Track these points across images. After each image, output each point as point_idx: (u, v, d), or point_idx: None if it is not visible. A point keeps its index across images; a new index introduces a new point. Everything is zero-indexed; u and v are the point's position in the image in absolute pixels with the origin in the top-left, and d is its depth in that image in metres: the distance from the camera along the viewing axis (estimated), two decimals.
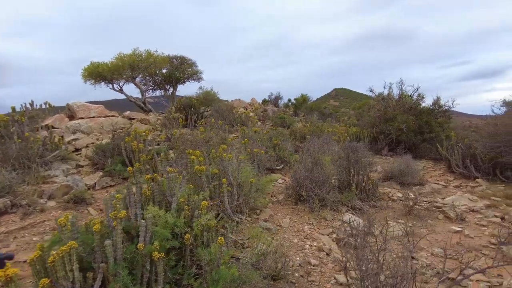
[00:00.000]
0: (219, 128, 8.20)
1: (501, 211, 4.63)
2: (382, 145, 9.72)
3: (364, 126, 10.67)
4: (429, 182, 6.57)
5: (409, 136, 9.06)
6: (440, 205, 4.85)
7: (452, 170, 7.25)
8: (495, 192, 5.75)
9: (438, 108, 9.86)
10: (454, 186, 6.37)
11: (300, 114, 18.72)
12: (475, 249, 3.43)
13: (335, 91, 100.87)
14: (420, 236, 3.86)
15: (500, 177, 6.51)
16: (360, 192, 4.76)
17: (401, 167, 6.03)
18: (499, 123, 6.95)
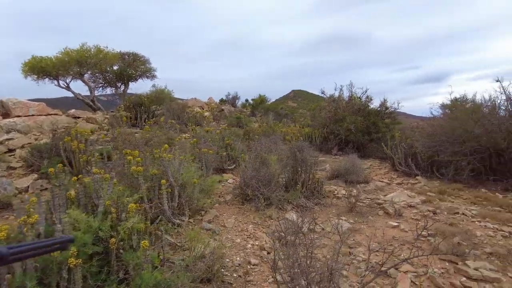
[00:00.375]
0: (169, 128, 7.97)
1: (434, 206, 4.95)
2: (332, 145, 10.04)
3: (316, 126, 10.97)
4: (374, 180, 6.87)
5: (357, 136, 9.44)
6: (382, 201, 5.08)
7: (396, 168, 7.66)
8: (431, 188, 6.15)
9: (385, 109, 10.39)
10: (397, 184, 6.72)
11: (258, 114, 18.84)
12: (408, 242, 3.62)
13: (293, 93, 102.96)
14: (361, 232, 4.00)
15: (437, 174, 6.98)
16: (305, 190, 4.85)
17: (347, 166, 6.25)
18: (435, 125, 7.47)
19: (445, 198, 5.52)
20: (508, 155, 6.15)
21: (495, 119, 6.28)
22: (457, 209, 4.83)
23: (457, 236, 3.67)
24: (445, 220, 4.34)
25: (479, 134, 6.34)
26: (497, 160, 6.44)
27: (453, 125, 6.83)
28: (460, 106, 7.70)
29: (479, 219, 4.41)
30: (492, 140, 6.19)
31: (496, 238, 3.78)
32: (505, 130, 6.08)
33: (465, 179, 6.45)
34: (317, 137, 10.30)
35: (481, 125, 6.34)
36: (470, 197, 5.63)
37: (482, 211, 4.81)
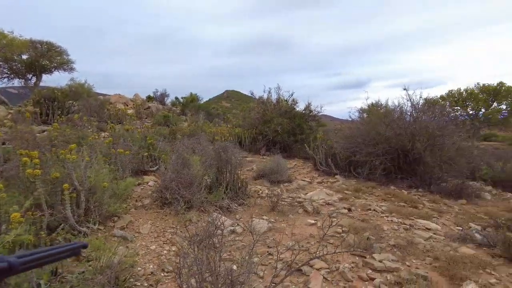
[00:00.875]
0: (84, 126, 7.28)
1: (350, 203, 5.29)
2: (261, 145, 10.20)
3: (246, 127, 11.05)
4: (297, 179, 7.12)
5: (283, 137, 9.74)
6: (302, 200, 5.26)
7: (317, 168, 8.06)
8: (348, 187, 6.58)
9: (309, 112, 10.89)
10: (317, 182, 7.05)
11: (188, 113, 18.37)
12: (324, 239, 3.77)
13: (226, 93, 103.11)
14: (281, 230, 4.07)
15: (354, 173, 7.50)
16: (230, 191, 4.79)
17: (272, 166, 6.36)
18: (353, 127, 8.05)
19: (360, 196, 5.94)
20: (412, 156, 6.87)
21: (402, 123, 6.98)
22: (369, 205, 5.22)
23: (368, 232, 3.94)
24: (358, 217, 4.65)
25: (389, 137, 6.98)
26: (404, 160, 7.16)
27: (367, 128, 7.42)
28: (374, 111, 8.40)
29: (387, 214, 4.82)
30: (400, 142, 6.86)
31: (399, 231, 4.15)
32: (410, 134, 6.79)
33: (378, 177, 7.04)
34: (246, 138, 10.38)
35: (391, 128, 7.00)
36: (381, 194, 6.15)
37: (390, 206, 5.28)
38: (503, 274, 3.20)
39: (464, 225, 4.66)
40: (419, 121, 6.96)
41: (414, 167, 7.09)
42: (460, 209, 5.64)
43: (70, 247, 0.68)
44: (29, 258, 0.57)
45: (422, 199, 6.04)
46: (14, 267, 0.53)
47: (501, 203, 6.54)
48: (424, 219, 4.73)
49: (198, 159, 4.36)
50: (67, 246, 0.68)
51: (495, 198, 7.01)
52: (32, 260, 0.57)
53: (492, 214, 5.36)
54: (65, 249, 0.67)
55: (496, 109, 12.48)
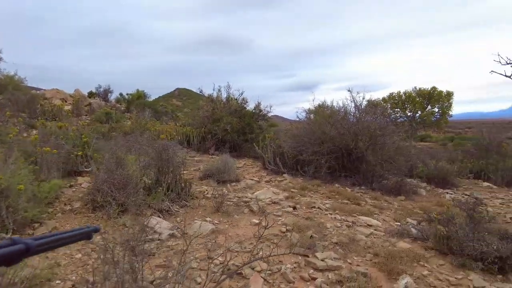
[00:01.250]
0: (6, 121, 6.50)
1: (295, 201, 5.28)
2: (210, 145, 9.96)
3: (195, 125, 10.73)
4: (245, 178, 7.00)
5: (233, 136, 9.59)
6: (248, 200, 5.14)
7: (266, 167, 8.02)
8: (295, 185, 6.61)
9: (259, 112, 10.86)
10: (266, 181, 7.00)
11: (134, 111, 17.48)
12: (268, 239, 3.67)
13: (178, 91, 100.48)
14: (224, 232, 3.90)
15: (301, 172, 7.57)
16: (171, 193, 4.52)
17: (219, 166, 6.17)
18: (300, 127, 8.14)
19: (305, 194, 5.98)
20: (355, 155, 7.10)
21: (346, 124, 7.18)
22: (314, 203, 5.25)
23: (311, 230, 3.92)
24: (303, 215, 4.64)
25: (334, 136, 7.14)
26: (348, 159, 7.38)
27: (313, 128, 7.53)
28: (320, 112, 8.57)
29: (331, 212, 4.87)
30: (344, 141, 7.05)
31: (342, 228, 4.20)
32: (353, 133, 7.00)
33: (323, 176, 7.17)
34: (195, 137, 10.06)
35: (335, 128, 7.17)
36: (326, 192, 6.25)
37: (334, 204, 5.36)
38: (434, 266, 3.34)
39: (402, 221, 4.87)
40: (362, 122, 7.22)
41: (357, 166, 7.34)
42: (399, 205, 5.91)
43: (83, 231, 0.70)
44: (44, 240, 0.58)
45: (365, 196, 6.24)
46: (31, 249, 0.53)
47: (434, 198, 7.01)
48: (366, 215, 4.86)
49: (133, 158, 4.03)
50: (80, 230, 0.69)
51: (429, 193, 7.49)
52: (47, 243, 0.58)
53: (426, 209, 5.69)
54: (78, 233, 0.68)
55: (430, 112, 13.59)
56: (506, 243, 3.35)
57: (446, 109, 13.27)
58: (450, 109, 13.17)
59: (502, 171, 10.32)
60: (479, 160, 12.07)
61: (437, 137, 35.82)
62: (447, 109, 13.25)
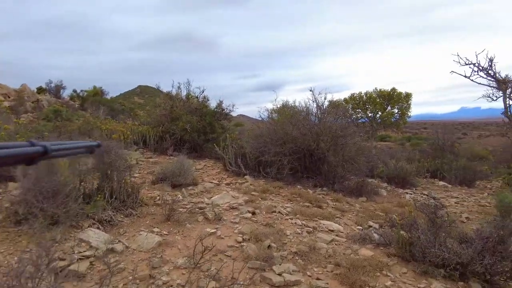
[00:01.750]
0: None
1: (255, 206, 4.97)
2: (168, 145, 9.41)
3: (152, 124, 10.12)
4: (204, 181, 6.60)
5: (193, 136, 9.11)
6: (205, 206, 4.75)
7: (227, 168, 7.66)
8: (256, 187, 6.30)
9: (221, 110, 10.45)
10: (226, 184, 6.63)
11: (89, 108, 16.39)
12: (222, 251, 3.33)
13: (139, 88, 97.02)
14: (174, 244, 3.50)
15: (263, 173, 7.29)
16: (115, 200, 4.03)
17: (174, 168, 5.72)
18: (262, 127, 7.87)
19: (266, 197, 5.70)
20: (317, 156, 6.94)
21: (308, 124, 7.00)
22: (274, 207, 4.97)
23: (270, 238, 3.63)
24: (262, 220, 4.34)
25: (296, 137, 6.93)
26: (310, 159, 7.21)
27: (276, 128, 7.28)
28: (282, 112, 8.34)
29: (292, 216, 4.62)
30: (306, 142, 6.86)
31: (302, 235, 3.95)
32: (315, 134, 6.83)
33: (285, 177, 6.94)
34: (152, 136, 9.46)
35: (297, 128, 6.96)
36: (287, 194, 6.01)
37: (295, 207, 5.12)
38: (397, 275, 3.18)
39: (364, 224, 4.72)
40: (324, 122, 7.08)
41: (319, 167, 7.19)
42: (360, 207, 5.80)
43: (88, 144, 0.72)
44: (58, 147, 0.58)
45: (326, 198, 6.08)
46: (48, 152, 0.54)
47: (395, 198, 7.02)
48: (328, 219, 4.66)
49: (65, 163, 3.50)
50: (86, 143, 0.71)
51: (390, 194, 7.52)
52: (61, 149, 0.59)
53: (387, 211, 5.63)
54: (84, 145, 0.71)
55: (390, 112, 13.97)
56: (466, 247, 3.26)
57: (405, 110, 13.73)
58: (408, 110, 13.67)
59: (455, 170, 10.72)
60: (435, 159, 12.53)
61: (396, 137, 37.35)
62: (406, 110, 13.71)
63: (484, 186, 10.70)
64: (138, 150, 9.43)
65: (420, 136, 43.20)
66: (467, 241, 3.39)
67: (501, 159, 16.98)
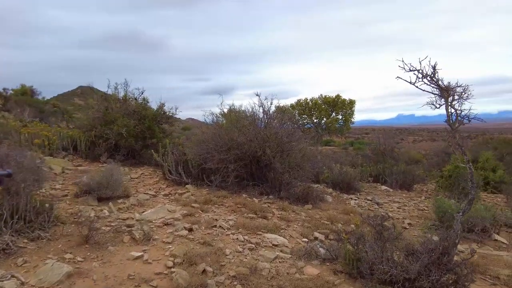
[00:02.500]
0: None
1: (194, 220, 4.49)
2: (101, 151, 8.51)
3: (84, 128, 9.10)
4: (138, 192, 5.94)
5: (129, 141, 8.33)
6: (134, 222, 4.16)
7: (167, 177, 7.04)
8: (198, 198, 5.81)
9: (162, 113, 9.75)
10: (164, 195, 6.03)
11: (13, 109, 14.57)
12: (147, 281, 2.81)
13: (80, 89, 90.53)
14: (89, 274, 2.90)
15: (207, 182, 6.81)
16: (18, 220, 3.30)
17: (101, 179, 5.02)
18: (206, 132, 7.38)
19: (208, 209, 5.24)
20: (263, 162, 6.63)
21: (253, 129, 6.67)
22: (216, 221, 4.55)
23: (205, 261, 3.18)
24: (200, 238, 3.87)
25: (241, 143, 6.56)
26: (256, 166, 6.88)
27: (220, 133, 6.85)
28: (228, 116, 7.92)
29: (234, 231, 4.22)
30: (252, 148, 6.52)
31: (244, 253, 3.56)
32: (261, 140, 6.53)
33: (230, 185, 6.53)
34: (82, 142, 8.49)
35: (243, 134, 6.60)
36: (231, 205, 5.61)
37: (239, 219, 4.73)
38: None
39: (310, 235, 4.48)
40: (270, 127, 6.80)
41: (265, 174, 6.89)
42: (306, 215, 5.59)
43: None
44: None
45: (272, 207, 5.79)
46: None
47: (340, 205, 6.96)
48: (272, 232, 4.34)
49: None
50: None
51: (335, 200, 7.46)
52: None
53: (333, 219, 5.48)
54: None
55: (334, 119, 14.30)
56: (413, 260, 3.11)
57: (348, 116, 14.17)
58: (352, 117, 14.14)
59: (395, 174, 11.15)
60: (377, 164, 13.01)
61: (340, 142, 38.94)
62: (349, 116, 14.17)
63: (421, 189, 11.28)
64: (67, 157, 8.41)
65: (362, 141, 45.64)
66: (414, 253, 3.25)
67: (433, 162, 18.34)
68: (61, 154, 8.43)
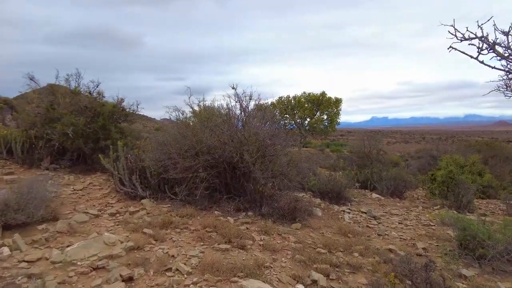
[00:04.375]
0: None
1: (140, 259, 3.12)
2: (43, 155, 6.91)
3: (24, 126, 7.45)
4: (76, 211, 4.50)
5: (78, 143, 6.78)
6: (43, 269, 2.75)
7: (118, 189, 5.60)
8: (155, 218, 4.44)
9: (121, 110, 8.22)
10: (110, 214, 4.61)
11: None
12: None
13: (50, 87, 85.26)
14: None
15: (170, 194, 5.44)
16: None
17: (10, 195, 3.54)
18: (169, 133, 5.98)
19: (165, 236, 3.89)
20: (241, 170, 5.33)
21: (229, 129, 5.35)
22: (172, 258, 3.22)
23: None
24: None
25: (213, 146, 5.23)
26: (231, 175, 5.58)
27: (186, 134, 5.48)
28: (198, 114, 6.53)
29: (197, 279, 2.90)
30: (226, 153, 5.20)
31: None
32: (238, 142, 5.22)
33: (199, 199, 5.19)
34: (18, 143, 6.84)
35: (216, 135, 5.28)
36: (199, 228, 4.28)
37: (206, 255, 3.43)
38: None
39: (306, 277, 3.23)
40: (249, 127, 5.50)
41: (243, 184, 5.60)
42: (296, 241, 4.35)
43: None
44: None
45: (252, 230, 4.51)
46: None
47: (333, 221, 5.77)
48: (253, 275, 3.05)
49: None
50: None
51: (325, 213, 6.27)
52: None
53: (330, 245, 4.27)
54: None
55: (319, 119, 13.13)
56: None
57: (334, 116, 13.07)
58: (338, 117, 13.02)
59: (386, 180, 10.17)
60: (362, 168, 12.01)
61: (316, 143, 38.10)
62: (335, 116, 13.07)
63: (412, 196, 10.35)
64: None
65: (338, 142, 45.18)
66: None
67: (418, 165, 17.65)
68: None
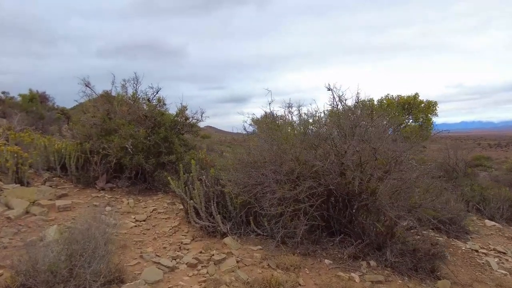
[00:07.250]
0: None
1: None
2: (99, 172, 5.93)
3: (79, 138, 6.57)
4: (142, 260, 3.27)
5: (136, 159, 5.69)
6: None
7: (191, 220, 4.33)
8: (249, 273, 3.08)
9: (184, 120, 7.09)
10: (189, 265, 3.31)
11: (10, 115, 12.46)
12: None
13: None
14: None
15: (255, 229, 4.10)
16: None
17: (52, 257, 2.33)
18: (254, 147, 4.62)
19: None
20: (359, 200, 3.83)
21: (341, 144, 3.87)
22: None
23: None
24: None
25: (319, 168, 3.79)
26: (340, 205, 4.11)
27: (279, 151, 4.09)
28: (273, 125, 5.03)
29: None
30: (339, 177, 3.74)
31: None
32: (356, 162, 3.73)
33: (300, 242, 3.78)
34: (72, 158, 5.92)
35: (324, 152, 3.83)
36: None
37: None
38: None
39: None
40: (366, 138, 3.98)
41: (352, 218, 4.11)
42: None
43: None
44: None
45: None
46: None
47: (477, 270, 4.09)
48: None
49: None
50: None
51: (453, 255, 4.58)
52: None
53: None
54: None
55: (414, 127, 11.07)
56: None
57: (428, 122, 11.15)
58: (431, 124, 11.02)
59: (494, 202, 8.20)
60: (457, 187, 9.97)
61: None
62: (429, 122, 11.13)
63: None
64: (50, 180, 5.87)
65: None
66: None
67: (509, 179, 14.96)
68: (43, 177, 5.90)
